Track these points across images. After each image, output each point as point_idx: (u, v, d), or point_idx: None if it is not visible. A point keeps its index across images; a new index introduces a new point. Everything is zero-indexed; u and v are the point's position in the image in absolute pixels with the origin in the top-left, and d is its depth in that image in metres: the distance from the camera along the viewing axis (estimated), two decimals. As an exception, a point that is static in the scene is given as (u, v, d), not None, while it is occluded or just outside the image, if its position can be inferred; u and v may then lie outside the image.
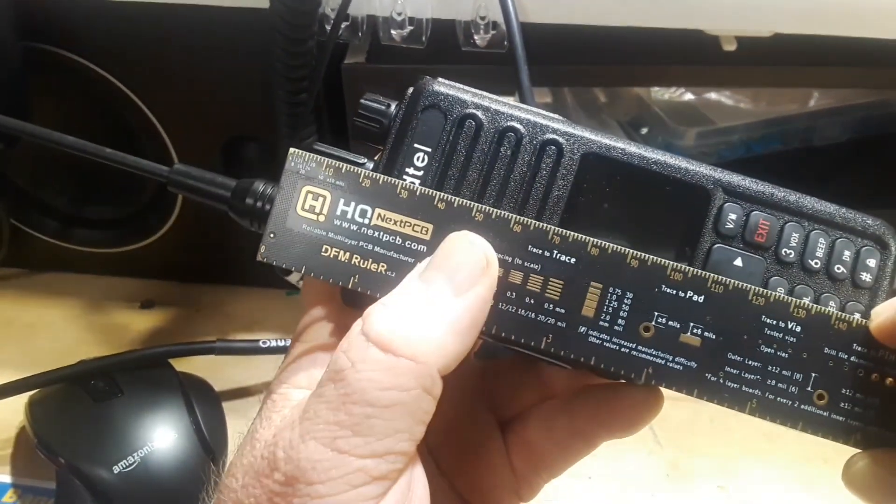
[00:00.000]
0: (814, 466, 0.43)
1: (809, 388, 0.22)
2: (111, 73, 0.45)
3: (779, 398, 0.22)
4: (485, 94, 0.25)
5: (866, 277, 0.24)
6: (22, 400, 0.41)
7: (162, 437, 0.39)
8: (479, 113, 0.25)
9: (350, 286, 0.23)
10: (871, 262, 0.24)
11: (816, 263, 0.24)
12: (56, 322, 0.52)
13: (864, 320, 0.22)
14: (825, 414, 0.22)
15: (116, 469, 0.37)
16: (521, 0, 0.39)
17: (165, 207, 0.50)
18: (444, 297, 0.22)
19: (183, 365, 0.44)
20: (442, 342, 0.21)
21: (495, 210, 0.23)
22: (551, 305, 0.23)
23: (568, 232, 0.23)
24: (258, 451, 0.22)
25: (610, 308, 0.23)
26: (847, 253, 0.24)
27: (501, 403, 0.29)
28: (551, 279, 0.23)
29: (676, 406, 0.47)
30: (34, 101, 0.46)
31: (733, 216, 0.24)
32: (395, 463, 0.21)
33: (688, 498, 0.42)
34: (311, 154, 0.23)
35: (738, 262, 0.24)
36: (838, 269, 0.24)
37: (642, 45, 0.41)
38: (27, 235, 0.52)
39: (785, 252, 0.24)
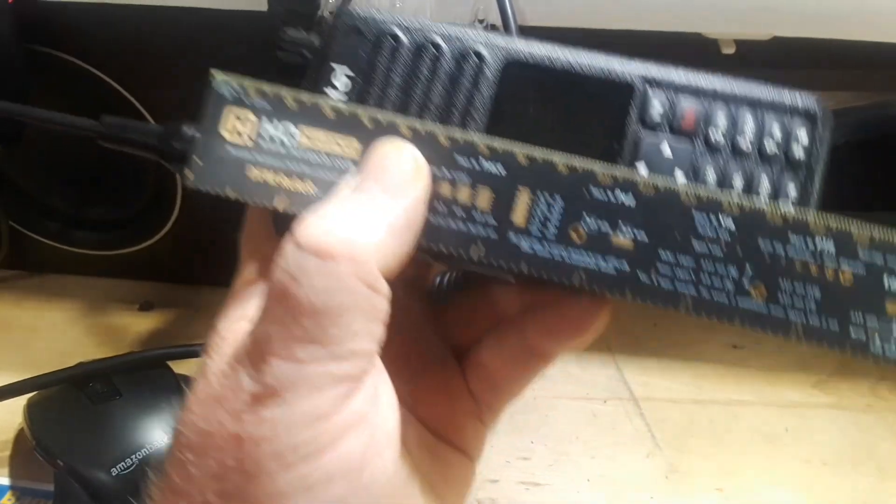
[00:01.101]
0: (813, 468, 0.43)
1: (746, 284, 0.22)
2: (112, 77, 0.45)
3: (714, 296, 0.22)
4: (405, 15, 0.25)
5: (799, 153, 0.24)
6: (20, 402, 0.41)
7: (160, 439, 0.39)
8: (398, 31, 0.25)
9: (280, 208, 0.23)
10: (803, 137, 0.24)
11: (746, 144, 0.24)
12: (54, 324, 0.52)
13: (801, 213, 0.22)
14: (764, 309, 0.22)
15: (114, 471, 0.37)
16: (520, 3, 0.39)
17: (164, 210, 0.50)
18: (377, 200, 0.22)
19: (182, 367, 0.44)
20: (380, 241, 0.21)
21: (422, 123, 0.23)
22: (482, 216, 0.23)
23: (496, 142, 0.23)
24: (214, 383, 0.22)
25: (540, 215, 0.22)
26: (777, 130, 0.24)
27: (455, 334, 0.30)
28: (480, 189, 0.23)
29: (675, 408, 0.48)
30: (35, 104, 0.46)
31: (658, 106, 0.24)
32: (358, 364, 0.21)
33: (686, 500, 0.42)
34: (236, 76, 0.23)
35: (667, 151, 0.24)
36: (769, 147, 0.24)
37: (641, 48, 0.41)
38: (26, 237, 0.52)
39: (714, 135, 0.24)
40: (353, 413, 0.21)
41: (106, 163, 0.50)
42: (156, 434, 0.39)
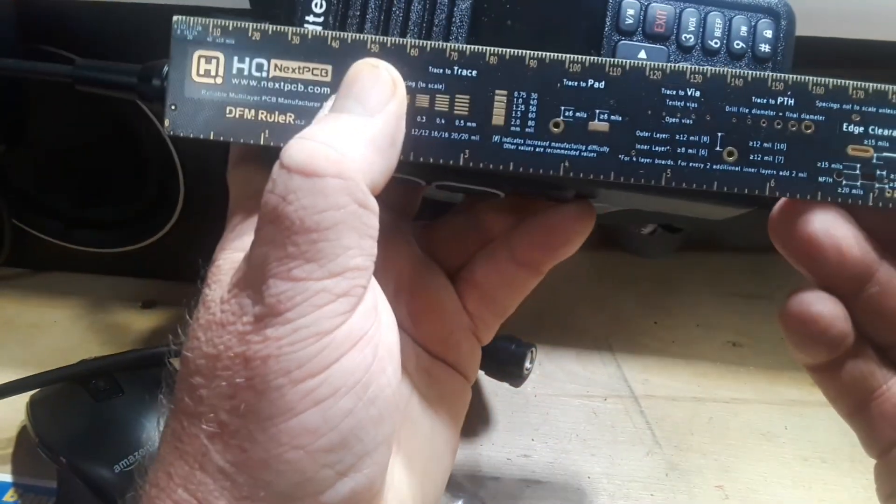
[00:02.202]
0: (812, 466, 0.43)
1: (718, 148, 0.23)
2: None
3: (691, 163, 0.23)
4: None
5: (765, 48, 0.25)
6: (23, 399, 0.41)
7: (163, 436, 0.39)
8: None
9: (262, 143, 0.23)
10: (768, 34, 0.25)
11: (716, 43, 0.25)
12: (57, 322, 0.52)
13: (759, 73, 0.23)
14: (737, 169, 0.23)
15: (117, 468, 0.37)
16: None
17: (167, 208, 0.50)
18: (358, 119, 0.22)
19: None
20: (364, 158, 0.22)
21: (390, 38, 0.23)
22: (462, 121, 0.23)
23: (465, 46, 0.23)
24: (214, 309, 0.22)
25: (518, 112, 0.23)
26: (744, 28, 0.25)
27: (447, 256, 0.30)
28: (457, 96, 0.23)
29: (675, 406, 0.48)
30: (36, 102, 0.47)
31: (631, 11, 0.25)
32: (355, 279, 0.21)
33: (686, 498, 0.42)
34: (197, 18, 0.24)
35: (642, 54, 0.25)
36: (737, 45, 0.25)
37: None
38: (29, 236, 0.52)
39: (685, 37, 0.25)
40: (355, 329, 0.22)
41: (109, 161, 0.50)
42: (158, 431, 0.39)
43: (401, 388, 0.26)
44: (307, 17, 0.25)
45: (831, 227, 0.23)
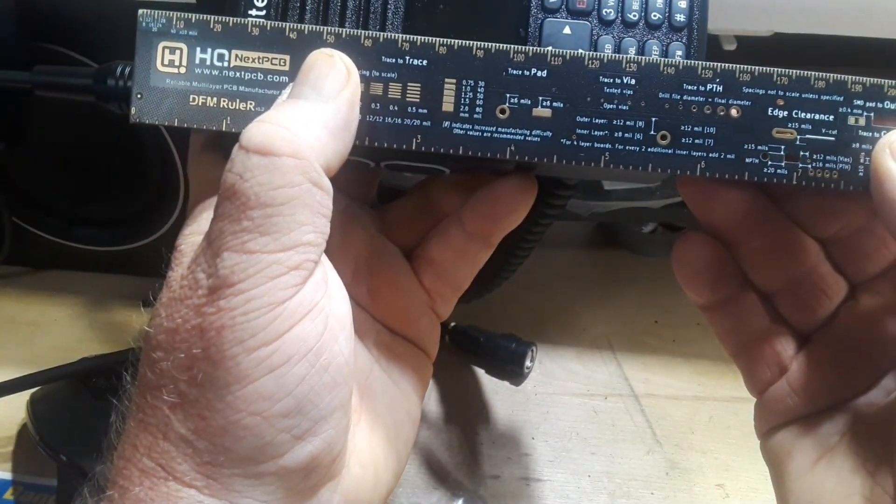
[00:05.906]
0: (813, 465, 0.43)
1: (652, 132, 0.25)
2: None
3: (627, 147, 0.25)
4: None
5: (680, 18, 0.27)
6: (23, 397, 0.41)
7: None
8: None
9: (224, 129, 0.25)
10: (682, 4, 0.27)
11: (635, 16, 0.27)
12: (58, 320, 0.52)
13: (689, 61, 0.25)
14: (670, 151, 0.25)
15: (118, 466, 0.37)
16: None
17: (168, 205, 0.50)
18: (314, 104, 0.23)
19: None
20: (319, 140, 0.23)
21: (345, 30, 0.25)
22: (414, 108, 0.25)
23: (416, 37, 0.25)
24: (175, 287, 0.23)
25: (466, 100, 0.25)
26: (660, 0, 0.27)
27: (403, 236, 0.32)
28: (409, 84, 0.25)
29: (676, 405, 0.48)
30: (36, 100, 0.46)
31: None
32: (306, 254, 0.23)
33: (687, 496, 0.42)
34: (161, 11, 0.25)
35: (567, 30, 0.27)
36: (654, 16, 0.27)
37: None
38: (29, 234, 0.52)
39: (606, 12, 0.27)
40: (306, 300, 0.23)
41: (109, 159, 0.50)
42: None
43: (358, 360, 0.28)
44: (250, 11, 0.26)
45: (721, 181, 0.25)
